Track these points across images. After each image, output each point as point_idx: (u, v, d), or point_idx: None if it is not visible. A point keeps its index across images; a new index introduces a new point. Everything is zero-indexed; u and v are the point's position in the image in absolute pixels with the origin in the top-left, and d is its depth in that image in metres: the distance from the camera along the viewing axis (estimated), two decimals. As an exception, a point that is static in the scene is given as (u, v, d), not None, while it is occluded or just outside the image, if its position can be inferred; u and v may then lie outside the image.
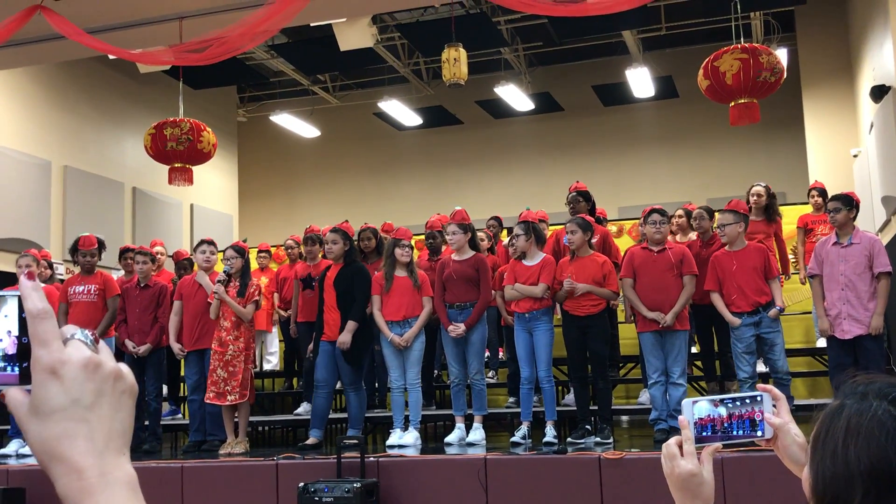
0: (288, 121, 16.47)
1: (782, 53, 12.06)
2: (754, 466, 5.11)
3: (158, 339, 7.47)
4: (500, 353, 8.63)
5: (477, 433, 6.73)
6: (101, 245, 7.68)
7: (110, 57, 9.33)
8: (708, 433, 1.52)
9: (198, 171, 8.81)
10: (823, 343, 7.05)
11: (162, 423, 7.87)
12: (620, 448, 5.91)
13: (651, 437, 6.42)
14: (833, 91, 12.83)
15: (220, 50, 6.74)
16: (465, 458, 5.95)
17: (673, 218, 7.87)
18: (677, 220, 7.99)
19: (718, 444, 1.52)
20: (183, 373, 8.00)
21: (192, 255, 8.19)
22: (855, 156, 11.98)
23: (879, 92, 9.71)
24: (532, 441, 6.46)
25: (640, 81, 14.37)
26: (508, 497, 5.63)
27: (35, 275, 0.83)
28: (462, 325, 6.67)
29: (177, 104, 8.80)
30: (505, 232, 8.85)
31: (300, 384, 8.84)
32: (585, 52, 15.40)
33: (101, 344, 0.84)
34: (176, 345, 7.26)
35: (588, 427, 6.51)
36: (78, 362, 0.80)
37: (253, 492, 6.09)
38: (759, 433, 1.53)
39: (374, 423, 8.06)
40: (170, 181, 8.52)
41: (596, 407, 6.62)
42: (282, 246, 9.99)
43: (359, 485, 5.58)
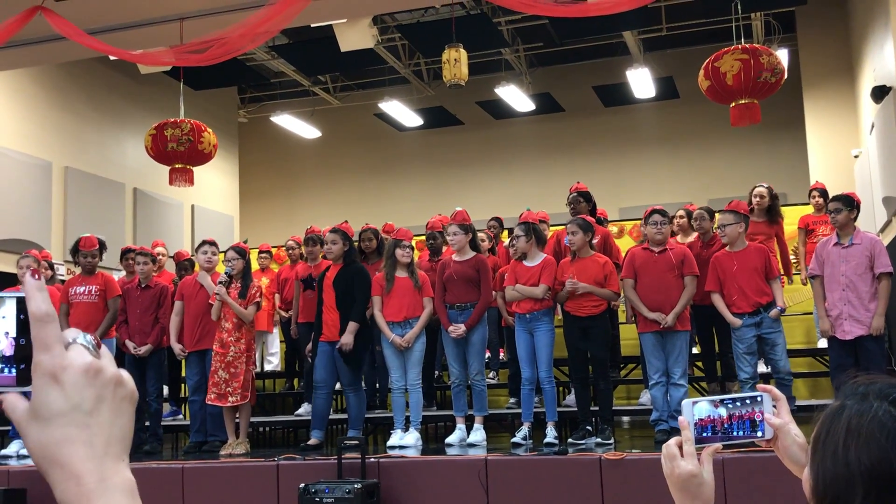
0: (289, 121, 16.48)
1: (783, 54, 12.06)
2: (755, 467, 5.10)
3: (159, 339, 7.47)
4: (501, 354, 8.62)
5: (478, 434, 6.73)
6: (101, 246, 7.68)
7: (111, 58, 9.33)
8: (708, 434, 1.52)
9: (198, 171, 8.82)
10: (824, 344, 7.04)
11: (163, 423, 7.86)
12: (621, 449, 5.91)
13: (652, 437, 6.42)
14: (834, 92, 12.82)
15: (221, 51, 6.74)
16: (466, 459, 5.94)
17: (674, 218, 7.86)
18: (678, 220, 7.98)
19: (718, 445, 1.52)
20: (184, 374, 8.00)
21: (194, 255, 8.19)
22: (856, 156, 11.98)
23: (880, 92, 9.71)
24: (533, 442, 6.46)
25: (641, 82, 14.37)
26: (509, 498, 5.63)
27: (40, 273, 0.82)
28: (462, 326, 6.66)
29: (177, 105, 8.80)
30: (506, 233, 8.84)
31: (301, 385, 8.83)
32: (586, 53, 15.40)
33: (102, 348, 0.84)
34: (177, 345, 7.26)
35: (589, 428, 6.51)
36: (79, 367, 0.80)
37: (254, 492, 6.09)
38: (759, 434, 1.53)
39: (375, 424, 8.06)
40: (170, 182, 8.53)
41: (597, 408, 6.62)
42: (283, 247, 9.99)
43: (359, 485, 5.58)
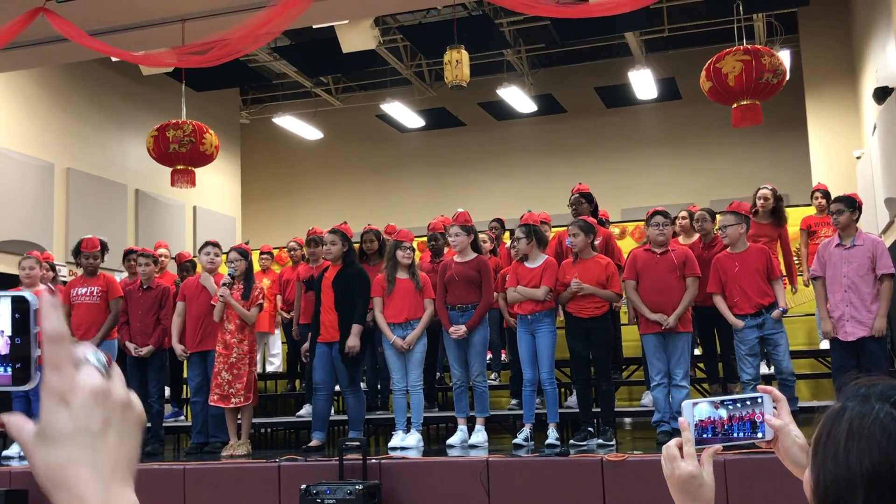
0: (290, 123, 16.48)
1: (785, 55, 12.06)
2: (756, 469, 5.09)
3: (161, 340, 7.47)
4: (503, 355, 8.63)
5: (479, 435, 6.72)
6: (103, 247, 7.68)
7: (113, 59, 9.34)
8: (708, 435, 1.51)
9: (200, 173, 8.82)
10: (826, 345, 7.03)
11: (164, 424, 7.87)
12: (623, 450, 5.90)
13: (654, 439, 6.41)
14: (836, 93, 12.81)
15: (223, 52, 6.75)
16: (468, 460, 5.94)
17: (676, 219, 7.85)
18: (681, 221, 7.96)
19: (719, 446, 1.51)
20: (186, 375, 8.00)
21: (197, 256, 8.19)
22: (858, 157, 11.97)
23: (882, 93, 9.70)
24: (534, 443, 6.45)
25: (643, 83, 14.36)
26: (510, 499, 5.62)
27: (56, 291, 0.82)
28: (463, 327, 6.65)
29: (179, 106, 8.80)
30: (507, 234, 8.84)
31: (303, 386, 8.84)
32: (588, 54, 15.40)
33: (113, 366, 0.84)
34: (178, 346, 7.26)
35: (590, 429, 6.50)
36: (88, 390, 0.80)
37: (255, 493, 6.09)
38: (759, 435, 1.52)
39: (377, 425, 8.05)
40: (172, 183, 8.53)
41: (598, 409, 6.61)
42: (284, 248, 9.99)
43: (361, 486, 5.57)
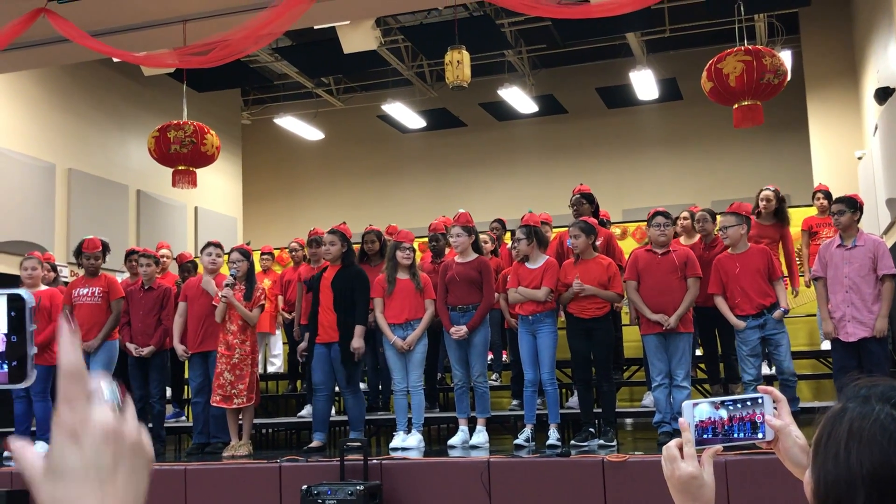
0: (292, 123, 16.49)
1: (786, 55, 12.06)
2: (757, 469, 5.09)
3: (162, 341, 7.48)
4: (504, 356, 8.62)
5: (480, 436, 6.72)
6: (105, 248, 7.68)
7: (114, 60, 9.35)
8: (709, 435, 1.51)
9: (202, 173, 8.82)
10: (828, 346, 7.02)
11: (166, 425, 7.87)
12: (624, 451, 5.90)
13: (655, 439, 6.41)
14: (837, 93, 12.80)
15: (224, 52, 6.75)
16: (469, 461, 5.93)
17: (678, 220, 7.83)
18: (682, 222, 7.94)
19: (719, 447, 1.51)
20: (187, 375, 8.00)
21: (198, 257, 8.19)
22: (859, 158, 11.96)
23: (884, 94, 9.69)
24: (535, 444, 6.45)
25: (644, 83, 14.36)
26: (511, 500, 5.62)
27: (71, 322, 0.82)
28: (464, 328, 6.65)
29: (181, 107, 8.80)
30: (508, 234, 8.84)
31: (304, 387, 8.84)
32: (589, 55, 15.40)
33: (126, 401, 0.84)
34: (180, 346, 7.25)
35: (592, 430, 6.50)
36: (100, 428, 0.80)
37: (256, 494, 6.09)
38: (759, 435, 1.52)
39: (378, 426, 8.05)
40: (174, 184, 8.53)
41: (599, 409, 6.61)
42: (285, 248, 9.99)
43: (362, 487, 5.57)
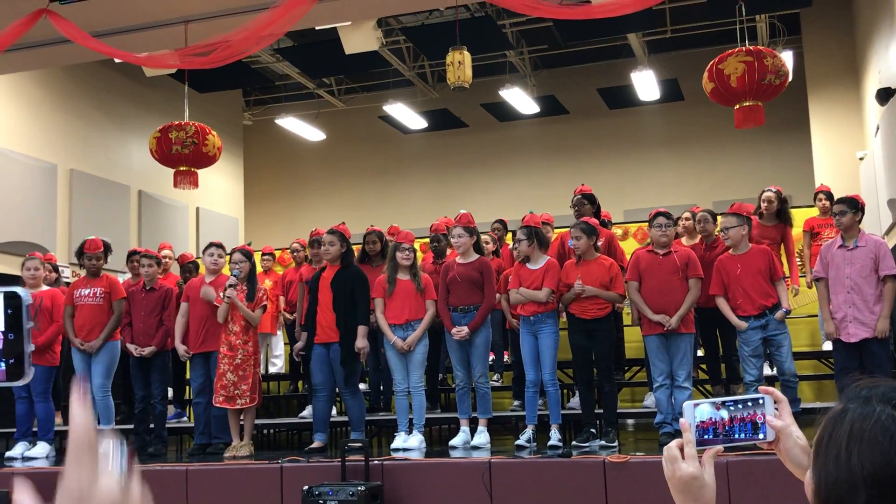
0: (293, 124, 16.50)
1: (788, 56, 12.06)
2: (758, 470, 5.09)
3: (163, 341, 7.48)
4: (506, 357, 8.62)
5: (481, 436, 6.72)
6: (106, 248, 7.69)
7: (116, 60, 9.35)
8: (710, 436, 1.51)
9: (203, 174, 8.81)
10: (829, 346, 7.02)
11: (167, 425, 7.87)
12: (625, 451, 5.90)
13: (656, 440, 6.40)
14: (839, 94, 12.80)
15: (226, 53, 6.75)
16: (470, 462, 5.93)
17: (680, 220, 7.83)
18: (684, 223, 7.93)
19: (720, 447, 1.51)
20: (189, 376, 8.01)
21: (200, 257, 8.20)
22: (861, 159, 11.96)
23: (885, 94, 9.69)
24: (537, 444, 6.45)
25: (646, 84, 14.36)
26: (513, 500, 5.62)
27: (85, 390, 0.82)
28: (465, 328, 6.65)
29: (182, 107, 8.79)
30: (510, 235, 8.84)
31: (305, 387, 8.84)
32: (590, 55, 15.40)
33: (133, 466, 0.85)
34: (181, 346, 7.26)
35: (593, 430, 6.50)
36: (107, 500, 0.81)
37: (257, 495, 6.09)
38: (760, 436, 1.52)
39: (379, 426, 8.05)
40: (175, 184, 8.52)
41: (601, 410, 6.61)
42: (287, 249, 10.00)
43: (363, 488, 5.57)
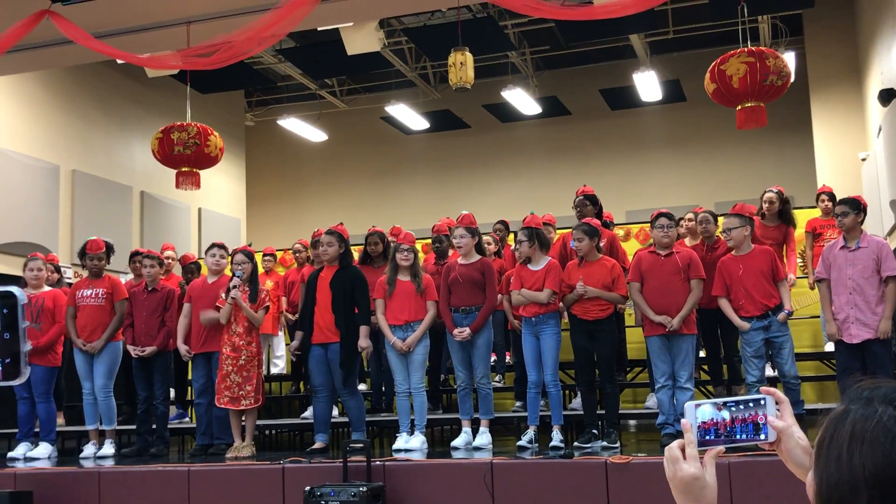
0: (295, 125, 16.50)
1: (790, 57, 12.05)
2: (760, 471, 5.09)
3: (165, 342, 7.48)
4: (508, 357, 8.62)
5: (483, 437, 6.72)
6: (109, 249, 7.70)
7: (118, 61, 9.36)
8: (711, 437, 1.51)
9: (205, 175, 8.81)
10: (832, 347, 7.01)
11: (169, 426, 7.88)
12: (627, 452, 5.89)
13: (658, 441, 6.40)
14: (841, 94, 12.79)
15: (228, 54, 6.75)
16: (472, 462, 5.93)
17: (682, 221, 7.82)
18: (686, 223, 7.93)
19: (721, 448, 1.51)
20: (190, 376, 8.01)
21: (203, 258, 8.20)
22: (863, 159, 11.95)
23: (887, 95, 9.68)
24: (539, 445, 6.45)
25: (648, 85, 14.35)
26: (515, 501, 5.62)
27: None
28: (467, 329, 6.65)
29: (184, 108, 8.80)
30: (512, 236, 8.83)
31: (307, 388, 8.84)
32: (592, 56, 15.40)
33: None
34: (183, 346, 7.27)
35: (595, 431, 6.50)
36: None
37: (259, 495, 6.09)
38: (762, 437, 1.52)
39: (381, 427, 8.05)
40: (177, 185, 8.52)
41: (603, 411, 6.61)
42: (289, 250, 10.00)
43: (365, 489, 5.57)
